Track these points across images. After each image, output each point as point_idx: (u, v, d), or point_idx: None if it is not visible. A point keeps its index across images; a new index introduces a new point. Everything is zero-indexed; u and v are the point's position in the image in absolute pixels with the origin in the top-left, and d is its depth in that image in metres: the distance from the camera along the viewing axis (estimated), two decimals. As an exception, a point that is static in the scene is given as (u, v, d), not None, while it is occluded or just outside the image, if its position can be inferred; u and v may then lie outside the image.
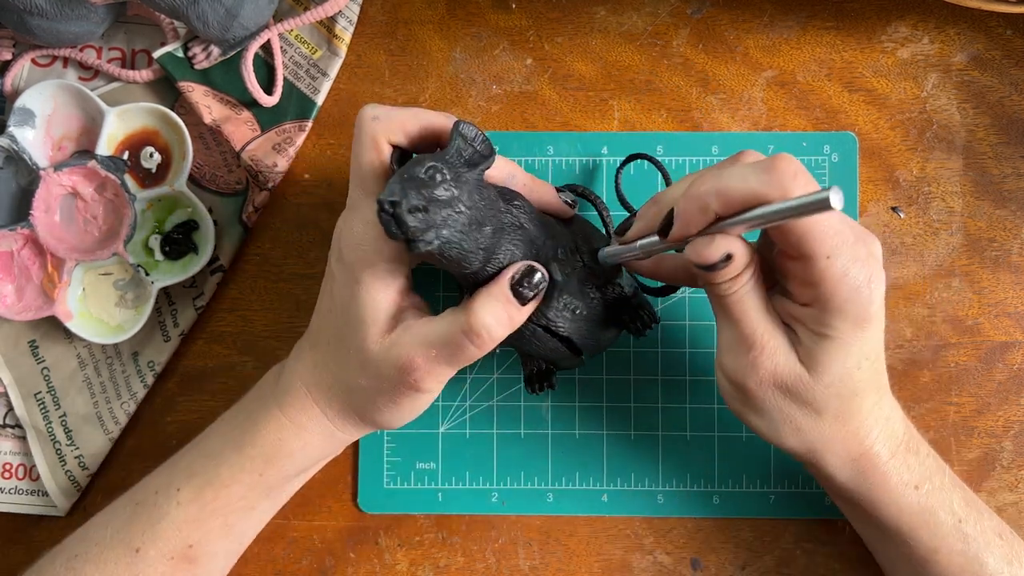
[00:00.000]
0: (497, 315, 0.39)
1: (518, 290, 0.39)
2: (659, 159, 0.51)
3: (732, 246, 0.36)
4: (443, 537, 0.51)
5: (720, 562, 0.50)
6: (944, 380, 0.50)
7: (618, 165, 0.49)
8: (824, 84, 0.51)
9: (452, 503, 0.50)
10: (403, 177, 0.36)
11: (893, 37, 0.51)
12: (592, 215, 0.49)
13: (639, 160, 0.50)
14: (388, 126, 0.40)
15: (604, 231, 0.48)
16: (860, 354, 0.38)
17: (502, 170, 0.43)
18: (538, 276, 0.39)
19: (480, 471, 0.50)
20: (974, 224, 0.51)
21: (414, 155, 0.40)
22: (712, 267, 0.36)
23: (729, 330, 0.39)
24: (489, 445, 0.51)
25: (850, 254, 0.36)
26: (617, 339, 0.46)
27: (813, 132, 0.51)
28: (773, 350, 0.38)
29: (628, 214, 0.48)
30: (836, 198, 0.31)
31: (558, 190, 0.45)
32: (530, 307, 0.40)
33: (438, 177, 0.36)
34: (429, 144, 0.41)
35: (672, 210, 0.37)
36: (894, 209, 0.51)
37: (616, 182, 0.49)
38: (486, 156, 0.38)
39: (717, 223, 0.36)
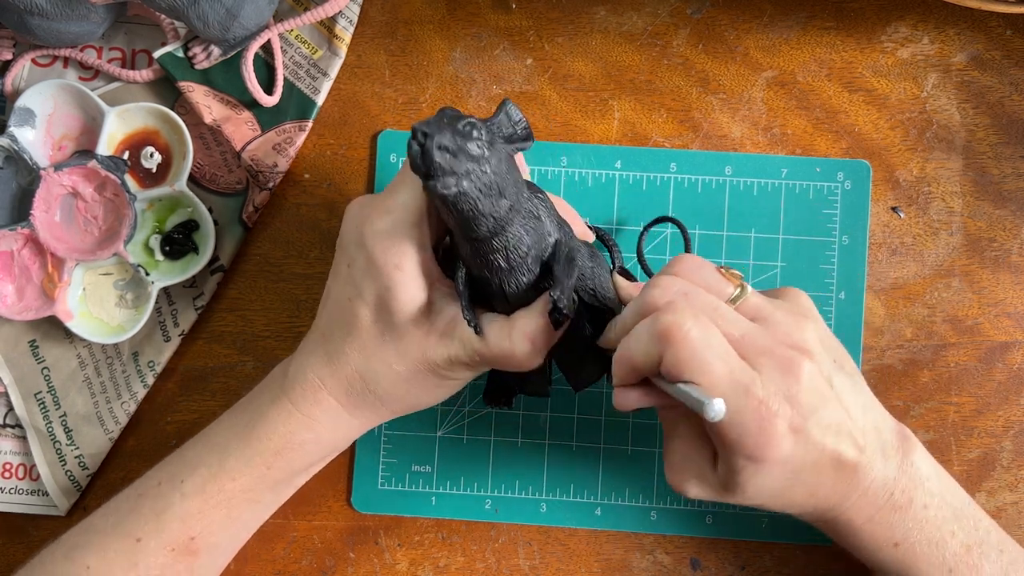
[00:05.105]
0: (537, 337, 0.40)
1: (553, 316, 0.39)
2: (672, 174, 0.51)
3: (644, 402, 0.38)
4: (443, 537, 0.51)
5: (720, 562, 0.50)
6: (944, 380, 0.50)
7: (642, 227, 0.49)
8: (824, 84, 0.51)
9: (446, 507, 0.50)
10: (442, 119, 0.36)
11: (893, 37, 0.51)
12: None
13: (650, 178, 0.50)
14: None
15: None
16: (781, 474, 0.37)
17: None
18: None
19: (475, 477, 0.50)
20: (974, 224, 0.51)
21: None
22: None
23: (665, 439, 0.41)
24: (485, 452, 0.51)
25: (740, 396, 0.35)
26: (599, 378, 0.45)
27: (827, 158, 0.51)
28: (686, 476, 0.39)
29: (643, 271, 0.49)
30: (714, 411, 0.33)
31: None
32: (561, 331, 0.41)
33: (474, 133, 0.36)
34: None
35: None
36: (894, 209, 0.51)
37: (639, 248, 0.49)
38: (523, 140, 0.39)
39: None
